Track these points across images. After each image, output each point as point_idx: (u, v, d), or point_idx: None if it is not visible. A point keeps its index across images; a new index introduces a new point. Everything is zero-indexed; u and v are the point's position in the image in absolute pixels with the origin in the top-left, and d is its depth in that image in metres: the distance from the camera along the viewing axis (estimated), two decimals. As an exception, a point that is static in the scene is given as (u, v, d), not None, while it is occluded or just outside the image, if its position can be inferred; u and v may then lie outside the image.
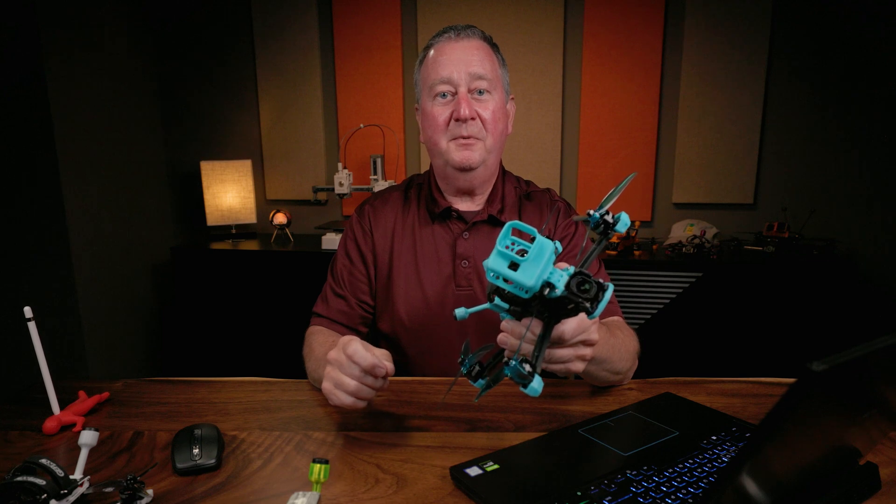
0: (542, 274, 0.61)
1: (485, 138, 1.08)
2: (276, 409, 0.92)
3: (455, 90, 1.06)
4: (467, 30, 1.09)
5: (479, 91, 1.07)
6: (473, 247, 1.12)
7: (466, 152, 1.07)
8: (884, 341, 0.43)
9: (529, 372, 0.62)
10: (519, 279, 0.61)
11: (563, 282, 0.61)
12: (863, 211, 2.53)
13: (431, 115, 1.08)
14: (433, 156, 1.13)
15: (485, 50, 1.09)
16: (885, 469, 0.69)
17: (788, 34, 2.51)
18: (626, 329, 1.01)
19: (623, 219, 0.66)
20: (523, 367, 0.61)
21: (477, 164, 1.08)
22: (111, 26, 2.57)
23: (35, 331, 0.83)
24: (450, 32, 1.09)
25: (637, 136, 2.67)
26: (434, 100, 1.08)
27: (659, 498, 0.63)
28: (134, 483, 0.64)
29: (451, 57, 1.06)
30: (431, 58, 1.09)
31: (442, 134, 1.08)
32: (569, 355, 0.72)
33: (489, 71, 1.07)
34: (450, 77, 1.06)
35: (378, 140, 2.80)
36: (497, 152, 1.12)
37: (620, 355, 0.92)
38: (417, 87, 1.15)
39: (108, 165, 2.52)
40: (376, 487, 0.69)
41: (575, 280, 0.61)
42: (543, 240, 0.62)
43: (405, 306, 1.12)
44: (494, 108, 1.08)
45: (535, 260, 0.61)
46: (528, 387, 0.62)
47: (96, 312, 2.44)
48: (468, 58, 1.06)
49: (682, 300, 2.31)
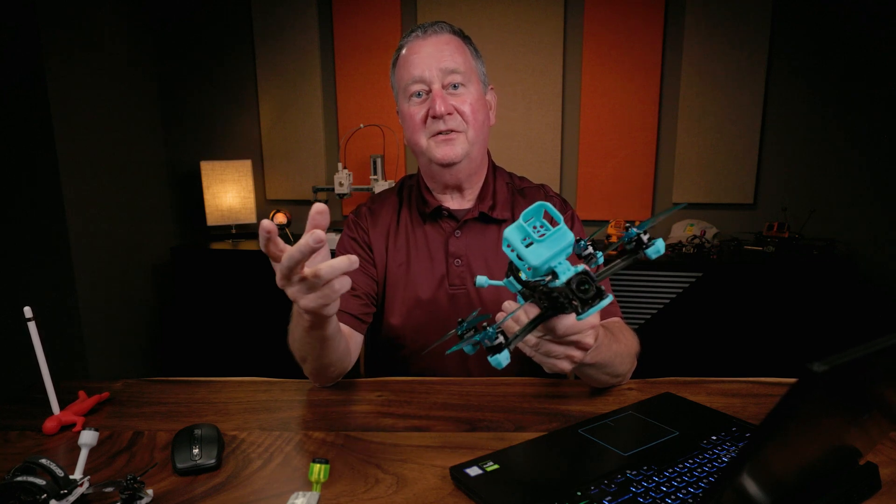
0: (551, 260, 0.62)
1: (466, 130, 1.07)
2: (276, 409, 0.92)
3: (429, 88, 1.05)
4: (435, 25, 1.08)
5: (453, 85, 1.06)
6: (465, 245, 1.12)
7: (447, 148, 1.06)
8: (884, 341, 0.43)
9: (499, 344, 0.63)
10: (527, 256, 0.62)
11: (567, 275, 0.61)
12: (863, 211, 2.53)
13: (408, 114, 1.08)
14: (417, 155, 1.12)
15: (454, 43, 1.08)
16: (885, 469, 0.69)
17: (788, 34, 2.51)
18: (627, 331, 1.01)
19: (658, 245, 0.66)
20: (496, 337, 0.63)
21: (460, 158, 1.07)
22: (111, 26, 2.57)
23: (35, 331, 0.83)
24: (418, 31, 1.08)
25: (637, 136, 2.67)
26: (409, 100, 1.07)
27: (659, 498, 0.63)
28: (134, 483, 0.64)
29: (421, 55, 1.06)
30: (403, 58, 1.09)
31: (420, 132, 1.07)
32: (558, 351, 0.72)
33: (461, 63, 1.06)
34: (422, 75, 1.05)
35: (378, 140, 2.80)
36: (481, 144, 1.11)
37: (622, 359, 0.92)
38: (394, 90, 1.14)
39: (108, 165, 2.52)
40: (376, 487, 0.69)
41: (578, 278, 0.61)
42: (566, 230, 0.62)
43: (400, 307, 1.12)
44: (472, 100, 1.07)
45: (550, 244, 0.62)
46: (494, 357, 0.63)
47: (96, 312, 2.44)
48: (439, 53, 1.05)
49: (682, 300, 2.31)
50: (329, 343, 0.87)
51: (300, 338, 0.88)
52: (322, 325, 0.81)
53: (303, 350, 0.91)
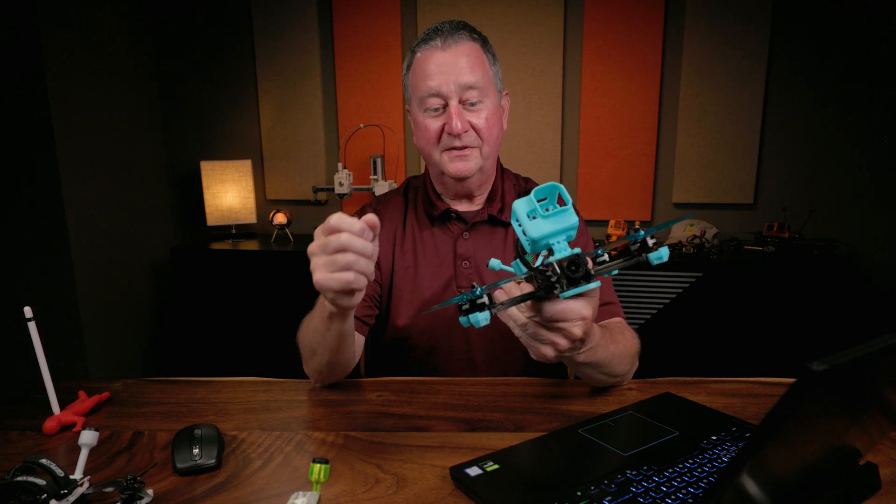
0: (551, 237, 0.63)
1: (481, 146, 1.06)
2: (276, 409, 0.92)
3: (445, 102, 1.03)
4: (455, 34, 1.04)
5: (470, 102, 1.04)
6: (474, 247, 1.12)
7: (461, 163, 1.05)
8: (884, 341, 0.43)
9: (482, 304, 0.64)
10: (529, 228, 0.63)
11: (562, 254, 0.63)
12: (863, 211, 2.53)
13: (423, 126, 1.06)
14: (428, 164, 1.12)
15: (474, 54, 1.05)
16: (885, 469, 0.69)
17: (788, 34, 2.51)
18: (628, 331, 1.01)
19: (661, 252, 0.67)
20: (482, 297, 0.64)
21: (472, 173, 1.07)
22: (111, 26, 2.57)
23: (35, 331, 0.83)
24: (436, 40, 1.04)
25: (637, 136, 2.67)
26: (425, 112, 1.06)
27: (659, 498, 0.63)
28: (134, 483, 0.64)
29: (440, 68, 1.02)
30: (419, 66, 1.05)
31: (434, 146, 1.06)
32: (544, 336, 0.70)
33: (480, 78, 1.04)
34: (439, 90, 1.02)
35: (378, 140, 2.80)
36: (493, 156, 1.11)
37: (619, 360, 0.92)
38: (407, 92, 1.12)
39: (108, 165, 2.52)
40: (376, 487, 0.69)
41: (570, 258, 0.63)
42: (573, 212, 0.64)
43: (407, 309, 1.12)
44: (488, 114, 1.05)
45: (554, 222, 0.63)
46: (473, 315, 0.64)
47: (96, 312, 2.44)
48: (457, 67, 1.02)
49: (682, 300, 2.31)
50: (345, 340, 0.89)
51: (317, 328, 0.89)
52: (343, 317, 0.83)
53: (315, 342, 0.91)
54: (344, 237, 0.71)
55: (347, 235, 0.71)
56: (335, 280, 0.72)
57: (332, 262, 0.72)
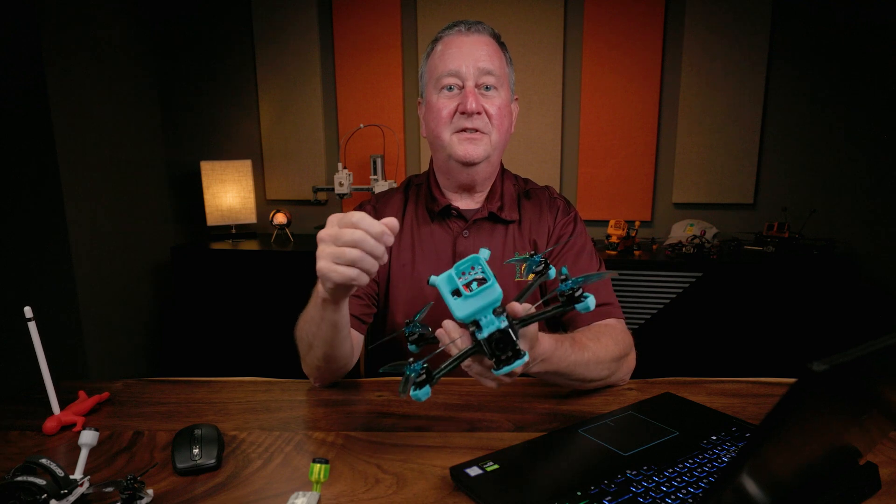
0: (476, 314, 0.66)
1: (490, 133, 1.07)
2: (276, 409, 0.92)
3: (462, 83, 1.06)
4: (478, 25, 1.11)
5: (486, 87, 1.07)
6: (474, 245, 1.12)
7: (470, 146, 1.06)
8: (884, 341, 0.43)
9: (422, 381, 0.67)
10: (453, 307, 0.66)
11: (489, 330, 0.66)
12: (863, 211, 2.52)
13: (436, 106, 1.08)
14: (435, 150, 1.13)
15: (493, 47, 1.10)
16: (885, 469, 0.69)
17: (788, 34, 2.51)
18: (612, 335, 0.98)
19: (588, 302, 0.67)
20: (421, 373, 0.67)
21: (480, 159, 1.07)
22: (111, 27, 2.57)
23: (35, 331, 0.83)
24: (460, 26, 1.10)
25: (637, 136, 2.67)
26: (440, 92, 1.08)
27: (659, 498, 0.63)
28: (134, 483, 0.64)
29: (461, 50, 1.07)
30: (440, 50, 1.09)
31: (445, 126, 1.07)
32: (475, 375, 0.74)
33: (497, 67, 1.08)
34: (458, 70, 1.06)
35: (378, 140, 2.80)
36: (500, 149, 1.12)
37: (587, 368, 0.89)
38: (423, 80, 1.14)
39: (108, 165, 2.52)
40: (376, 487, 0.69)
41: (497, 335, 0.66)
42: (496, 288, 0.66)
43: (405, 306, 1.12)
44: (500, 104, 1.08)
45: (476, 300, 0.66)
46: (414, 392, 0.66)
47: (96, 312, 2.44)
48: (477, 52, 1.06)
49: (682, 300, 2.31)
50: (340, 331, 0.89)
51: (312, 317, 0.90)
52: (336, 305, 0.84)
53: (311, 333, 0.92)
54: (358, 233, 0.72)
55: (361, 233, 0.72)
56: (338, 273, 0.74)
57: (339, 255, 0.73)
